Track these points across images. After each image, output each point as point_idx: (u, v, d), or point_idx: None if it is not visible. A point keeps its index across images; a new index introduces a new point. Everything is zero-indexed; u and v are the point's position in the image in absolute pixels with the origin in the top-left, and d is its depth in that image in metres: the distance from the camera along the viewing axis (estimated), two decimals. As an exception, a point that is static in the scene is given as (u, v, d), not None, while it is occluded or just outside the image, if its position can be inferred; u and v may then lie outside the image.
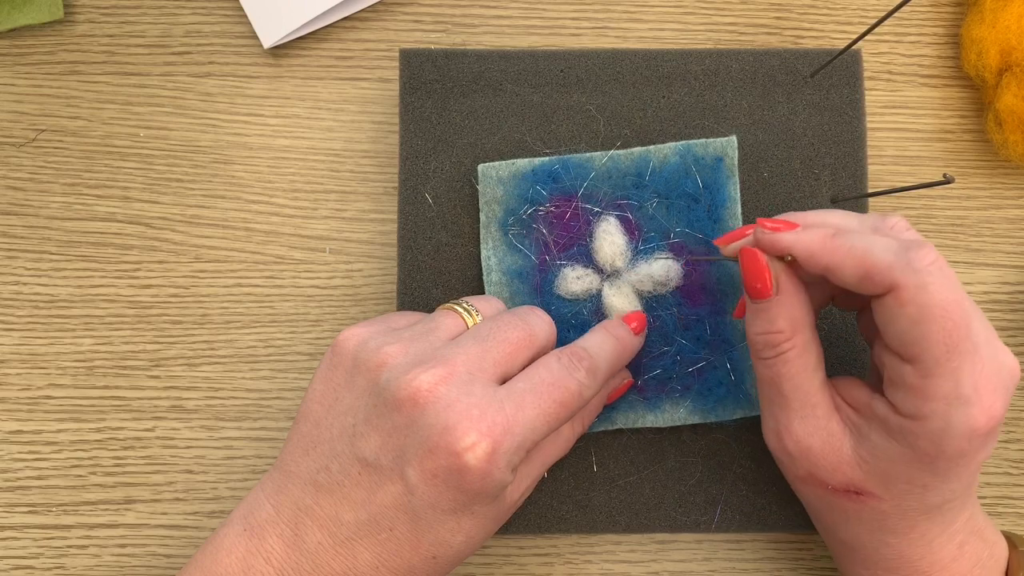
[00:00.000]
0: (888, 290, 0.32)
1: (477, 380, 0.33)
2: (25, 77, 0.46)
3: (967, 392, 0.31)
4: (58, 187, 0.45)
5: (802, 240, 0.34)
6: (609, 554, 0.44)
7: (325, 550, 0.33)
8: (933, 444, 0.32)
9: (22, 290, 0.45)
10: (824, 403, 0.35)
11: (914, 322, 0.31)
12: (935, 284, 0.31)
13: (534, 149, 0.42)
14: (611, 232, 0.41)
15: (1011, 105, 0.43)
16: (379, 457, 0.33)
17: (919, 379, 0.32)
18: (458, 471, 0.32)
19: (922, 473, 0.33)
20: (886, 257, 0.32)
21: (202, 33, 0.46)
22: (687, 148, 0.41)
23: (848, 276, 0.33)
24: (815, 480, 0.36)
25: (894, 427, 0.33)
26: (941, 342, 0.31)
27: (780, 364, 0.35)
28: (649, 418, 0.41)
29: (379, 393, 0.33)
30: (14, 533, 0.44)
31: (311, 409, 0.35)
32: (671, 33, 0.47)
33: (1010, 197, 0.47)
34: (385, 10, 0.47)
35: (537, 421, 0.33)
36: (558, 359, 0.35)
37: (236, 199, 0.46)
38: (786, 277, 0.35)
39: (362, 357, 0.34)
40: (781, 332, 0.35)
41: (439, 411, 0.32)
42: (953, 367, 0.31)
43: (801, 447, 0.35)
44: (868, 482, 0.34)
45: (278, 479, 0.35)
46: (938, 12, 0.48)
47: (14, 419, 0.44)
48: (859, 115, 0.42)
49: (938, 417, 0.31)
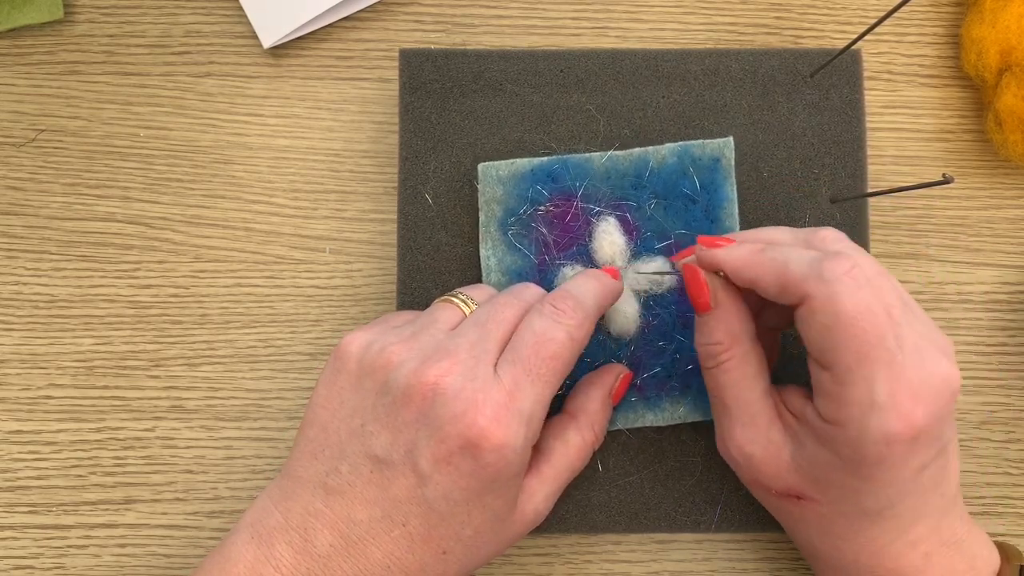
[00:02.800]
0: (801, 300, 0.33)
1: (480, 364, 0.33)
2: (25, 77, 0.46)
3: (881, 399, 0.31)
4: (58, 187, 0.45)
5: (731, 255, 0.35)
6: (609, 554, 0.44)
7: (337, 552, 0.33)
8: (853, 450, 0.32)
9: (22, 290, 0.45)
10: (765, 412, 0.36)
11: (825, 330, 0.32)
12: (845, 293, 0.32)
13: (534, 149, 0.42)
14: (610, 232, 0.41)
15: (1011, 105, 0.43)
16: (390, 453, 0.33)
17: (834, 386, 0.32)
18: (471, 451, 0.32)
19: (850, 478, 0.33)
20: (800, 269, 0.33)
21: (202, 33, 0.46)
22: (684, 149, 0.41)
23: (769, 288, 0.34)
24: (760, 485, 0.37)
25: (821, 433, 0.34)
26: (852, 350, 0.32)
27: (720, 374, 0.36)
28: (649, 417, 0.41)
29: (387, 392, 0.34)
30: (14, 533, 0.44)
31: (317, 415, 0.35)
32: (671, 33, 0.47)
33: (1010, 197, 0.46)
34: (385, 10, 0.47)
35: (535, 386, 0.34)
36: (539, 312, 0.35)
37: (236, 199, 0.46)
38: (724, 292, 0.36)
39: (367, 360, 0.35)
40: (720, 343, 0.36)
41: (447, 401, 0.32)
42: (865, 374, 0.31)
43: (744, 453, 0.36)
44: (805, 487, 0.35)
45: (286, 485, 0.35)
46: (938, 12, 0.48)
47: (14, 419, 0.44)
48: (859, 115, 0.42)
49: (853, 423, 0.32)
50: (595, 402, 0.39)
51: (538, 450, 0.38)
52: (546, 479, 0.37)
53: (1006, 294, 0.46)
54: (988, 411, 0.45)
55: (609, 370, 0.40)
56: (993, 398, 0.45)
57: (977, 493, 0.45)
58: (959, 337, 0.46)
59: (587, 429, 0.39)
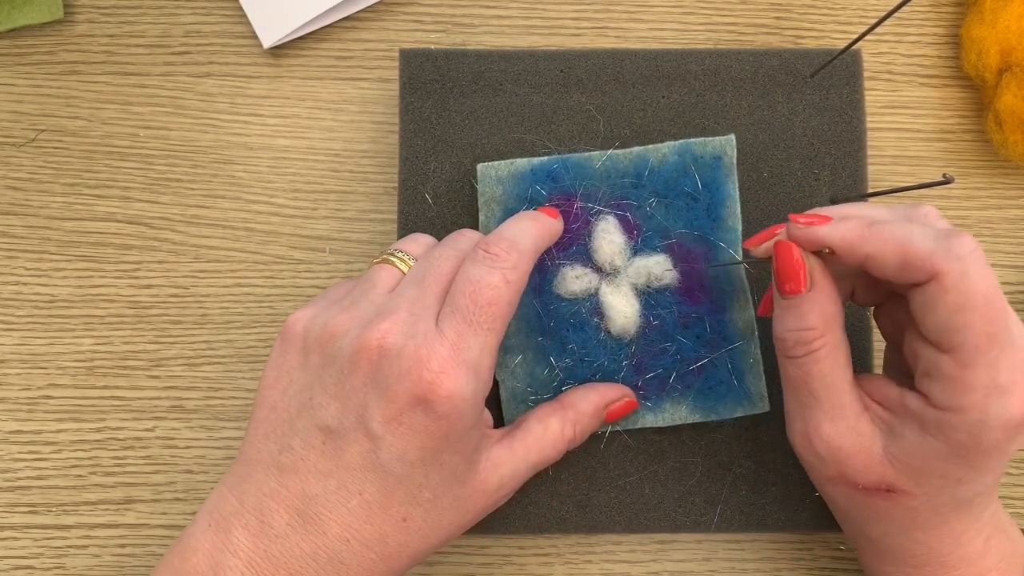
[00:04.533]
0: (930, 277, 0.31)
1: (421, 320, 0.33)
2: (25, 77, 0.46)
3: (1005, 382, 0.31)
4: (58, 187, 0.45)
5: (839, 231, 0.33)
6: (609, 554, 0.44)
7: (294, 530, 0.33)
8: (970, 437, 0.31)
9: (22, 290, 0.45)
10: (854, 403, 0.35)
11: (956, 310, 0.31)
12: (977, 272, 0.31)
13: (534, 149, 0.42)
14: (610, 231, 0.41)
15: (1011, 105, 0.43)
16: (341, 421, 0.33)
17: (957, 369, 0.31)
18: (422, 406, 0.32)
19: (957, 467, 0.32)
20: (926, 244, 0.31)
21: (202, 33, 0.46)
22: (685, 147, 0.41)
23: (889, 264, 0.32)
24: (845, 480, 0.35)
25: (929, 421, 0.32)
26: (982, 331, 0.31)
27: (811, 363, 0.34)
28: (649, 418, 0.41)
29: (333, 363, 0.34)
30: (14, 533, 0.44)
31: (266, 396, 0.35)
32: (671, 33, 0.47)
33: (1010, 197, 0.47)
34: (385, 10, 0.47)
35: (478, 335, 0.33)
36: (472, 259, 0.35)
37: (236, 199, 0.46)
38: (820, 272, 0.34)
39: (312, 336, 0.35)
40: (813, 329, 0.34)
41: (392, 360, 0.32)
42: (992, 357, 0.31)
43: (831, 448, 0.35)
44: (900, 479, 0.34)
45: (240, 470, 0.35)
46: (938, 12, 0.48)
47: (14, 419, 0.44)
48: (859, 115, 0.42)
49: (976, 409, 0.31)
50: (590, 405, 0.39)
51: (516, 426, 0.38)
52: (515, 454, 0.37)
53: (1006, 294, 0.46)
54: (988, 411, 0.45)
55: (618, 387, 0.40)
56: (993, 398, 0.45)
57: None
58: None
59: (570, 424, 0.38)
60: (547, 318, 0.41)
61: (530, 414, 0.38)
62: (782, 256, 0.34)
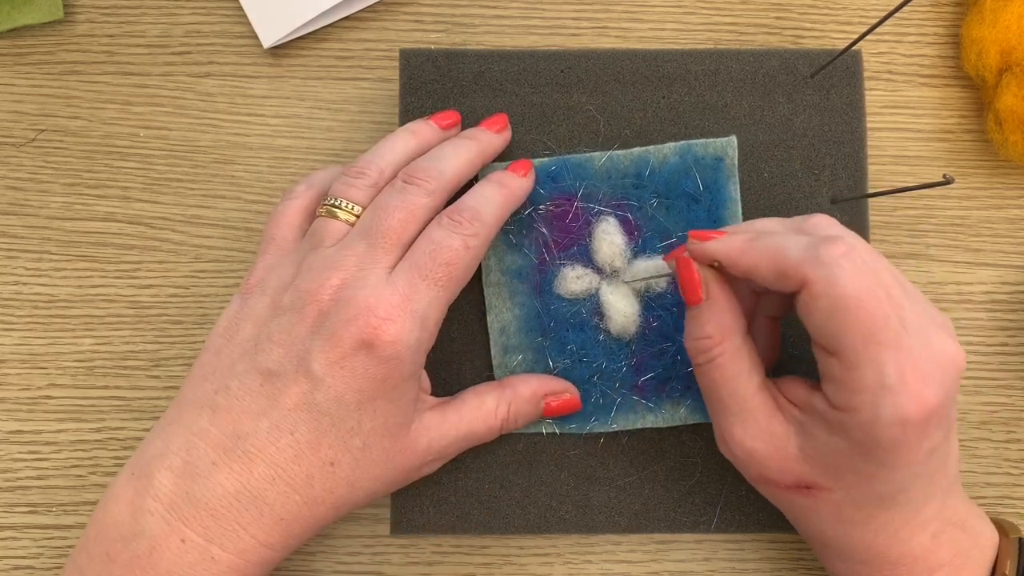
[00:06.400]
0: (800, 285, 0.32)
1: (370, 274, 0.34)
2: (25, 77, 0.46)
3: (892, 381, 0.31)
4: (58, 187, 0.45)
5: (725, 245, 0.35)
6: (609, 554, 0.44)
7: (218, 469, 0.33)
8: (867, 435, 0.32)
9: (22, 290, 0.45)
10: (763, 405, 0.36)
11: (828, 315, 0.32)
12: (845, 275, 0.31)
13: (534, 149, 0.42)
14: (610, 232, 0.41)
15: (1011, 105, 0.43)
16: (283, 365, 0.34)
17: (844, 371, 0.32)
18: (365, 349, 0.33)
19: (866, 463, 0.33)
20: (796, 254, 0.33)
21: (202, 33, 0.46)
22: (687, 148, 0.41)
23: (766, 275, 0.34)
24: (766, 480, 0.36)
25: (832, 421, 0.33)
26: (857, 333, 0.31)
27: (713, 370, 0.36)
28: (649, 419, 0.41)
29: (282, 314, 0.35)
30: (14, 533, 0.44)
31: (212, 342, 0.36)
32: (671, 33, 0.47)
33: (1010, 197, 0.47)
34: (385, 10, 0.47)
35: (430, 291, 0.35)
36: (439, 223, 0.36)
37: (236, 199, 0.46)
38: (716, 285, 0.36)
39: (266, 289, 0.36)
40: (711, 337, 0.35)
41: (339, 309, 0.34)
42: (873, 356, 0.31)
43: (746, 450, 0.36)
44: (816, 475, 0.35)
45: (171, 412, 0.35)
46: (938, 12, 0.48)
47: (14, 419, 0.44)
48: (859, 115, 0.42)
49: (866, 408, 0.31)
50: (528, 389, 0.39)
51: (454, 398, 0.39)
52: (447, 420, 0.38)
53: (1006, 294, 0.46)
54: (988, 411, 0.45)
55: (562, 382, 0.40)
56: (993, 398, 0.45)
57: (977, 493, 0.45)
58: (959, 337, 0.45)
59: (505, 403, 0.39)
60: (547, 318, 0.41)
61: (469, 389, 0.39)
62: (680, 269, 0.36)
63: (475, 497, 0.41)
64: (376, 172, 0.38)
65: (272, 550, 0.34)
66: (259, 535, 0.34)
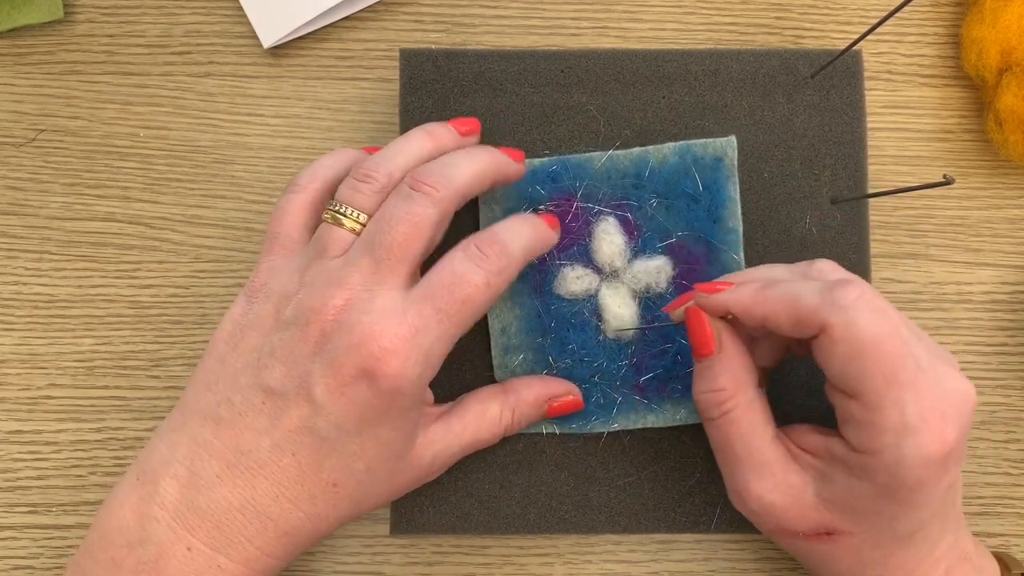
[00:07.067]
0: (819, 331, 0.32)
1: (377, 294, 0.33)
2: (25, 77, 0.46)
3: (913, 421, 0.31)
4: (58, 187, 0.45)
5: (737, 296, 0.35)
6: (609, 554, 0.44)
7: (223, 483, 0.33)
8: (890, 476, 0.32)
9: (22, 290, 0.45)
10: (778, 457, 0.35)
11: (849, 358, 0.32)
12: (863, 319, 0.32)
13: (535, 149, 0.42)
14: (610, 232, 0.41)
15: (1011, 105, 0.43)
16: (284, 384, 0.33)
17: (865, 414, 0.32)
18: (367, 379, 0.32)
19: (888, 505, 0.33)
20: (813, 300, 0.33)
21: (202, 33, 0.46)
22: (687, 148, 0.41)
23: (783, 323, 0.33)
24: (784, 531, 0.36)
25: (853, 464, 0.33)
26: (878, 375, 0.31)
27: (727, 424, 0.35)
28: (650, 419, 0.41)
29: (285, 328, 0.34)
30: (14, 533, 0.44)
31: (216, 347, 0.36)
32: (671, 33, 0.47)
33: (1010, 197, 0.47)
34: (385, 10, 0.47)
35: (441, 324, 0.33)
36: (464, 250, 0.35)
37: (236, 199, 0.46)
38: (728, 336, 0.36)
39: (270, 295, 0.35)
40: (724, 390, 0.35)
41: (343, 333, 0.33)
42: (894, 397, 0.31)
43: (763, 504, 0.35)
44: (836, 521, 0.34)
45: (176, 418, 0.35)
46: (938, 12, 0.48)
47: (14, 419, 0.44)
48: (860, 116, 0.42)
49: (889, 449, 0.32)
50: (532, 394, 0.39)
51: (455, 404, 0.38)
52: (451, 432, 0.37)
53: (1006, 294, 0.46)
54: (988, 411, 0.45)
55: (565, 383, 0.40)
56: (993, 398, 0.45)
57: (977, 493, 0.45)
58: (959, 337, 0.46)
59: (509, 409, 0.39)
60: (547, 318, 0.41)
61: (471, 395, 0.39)
62: (691, 321, 0.36)
63: (475, 497, 0.41)
64: (385, 176, 0.36)
65: (276, 559, 0.35)
66: (264, 547, 0.34)
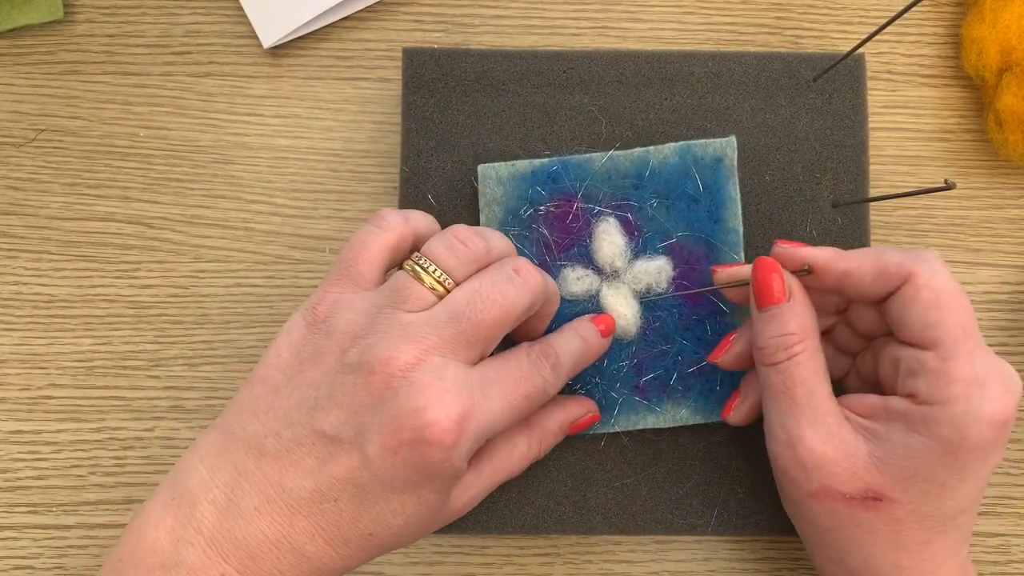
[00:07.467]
0: (904, 280, 0.35)
1: (450, 365, 0.33)
2: (25, 77, 0.46)
3: (982, 376, 0.33)
4: (58, 187, 0.45)
5: (818, 251, 0.37)
6: (609, 554, 0.44)
7: (260, 515, 0.33)
8: (955, 431, 0.33)
9: (22, 290, 0.45)
10: (835, 411, 0.36)
11: (931, 306, 0.34)
12: (945, 272, 0.34)
13: (536, 149, 0.42)
14: (610, 233, 0.41)
15: (1011, 105, 0.43)
16: (339, 430, 0.33)
17: (940, 362, 0.34)
18: (421, 448, 0.32)
19: (942, 468, 0.34)
20: (896, 255, 0.35)
21: (202, 33, 0.46)
22: (687, 148, 0.41)
23: (865, 276, 0.35)
24: (829, 492, 0.35)
25: (916, 419, 0.34)
26: (957, 325, 0.34)
27: (792, 367, 0.36)
28: (650, 419, 0.41)
29: (348, 372, 0.33)
30: (14, 533, 0.44)
31: (270, 375, 0.35)
32: (671, 33, 0.47)
33: (1010, 197, 0.47)
34: (385, 10, 0.47)
35: (502, 412, 0.34)
36: (527, 355, 0.36)
37: (236, 199, 0.46)
38: (797, 286, 0.37)
39: (334, 330, 0.34)
40: (794, 334, 0.36)
41: (410, 394, 0.32)
42: (970, 348, 0.33)
43: (815, 456, 0.35)
44: (886, 485, 0.34)
45: (217, 441, 0.34)
46: (938, 12, 0.48)
47: (14, 419, 0.44)
48: (862, 120, 0.42)
49: (960, 400, 0.33)
50: (555, 423, 0.39)
51: (484, 448, 0.38)
52: (483, 476, 0.37)
53: (1006, 294, 0.46)
54: (987, 411, 0.45)
55: (582, 402, 0.40)
56: (992, 398, 0.45)
57: (976, 493, 0.45)
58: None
59: (536, 443, 0.39)
60: (548, 319, 0.41)
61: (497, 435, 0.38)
62: (764, 270, 0.37)
63: (476, 498, 0.41)
64: (484, 249, 0.35)
65: None
66: None
